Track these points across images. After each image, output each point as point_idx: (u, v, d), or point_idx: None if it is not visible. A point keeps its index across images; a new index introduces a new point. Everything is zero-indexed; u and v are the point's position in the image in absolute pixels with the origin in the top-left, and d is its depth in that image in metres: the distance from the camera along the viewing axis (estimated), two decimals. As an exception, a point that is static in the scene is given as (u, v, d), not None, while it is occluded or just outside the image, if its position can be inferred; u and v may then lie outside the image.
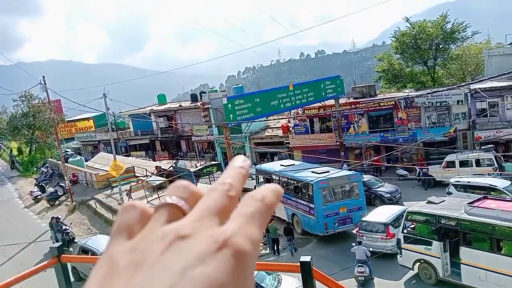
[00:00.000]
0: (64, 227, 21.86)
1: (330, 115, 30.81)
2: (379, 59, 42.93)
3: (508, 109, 26.80)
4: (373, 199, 22.28)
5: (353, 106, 29.64)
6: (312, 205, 18.76)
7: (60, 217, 23.67)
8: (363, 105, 29.63)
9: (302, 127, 31.98)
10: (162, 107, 43.78)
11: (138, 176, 24.78)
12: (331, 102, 29.96)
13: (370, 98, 30.72)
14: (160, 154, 41.30)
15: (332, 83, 29.22)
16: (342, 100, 30.65)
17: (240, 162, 0.55)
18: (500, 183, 19.80)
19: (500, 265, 12.87)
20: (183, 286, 0.40)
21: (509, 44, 35.14)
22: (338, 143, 29.21)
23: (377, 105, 29.55)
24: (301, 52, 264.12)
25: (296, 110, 29.63)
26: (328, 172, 19.93)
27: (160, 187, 23.27)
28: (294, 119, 32.24)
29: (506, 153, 24.05)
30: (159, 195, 21.06)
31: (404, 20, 39.82)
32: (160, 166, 25.92)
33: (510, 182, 19.87)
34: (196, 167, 28.05)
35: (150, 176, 24.36)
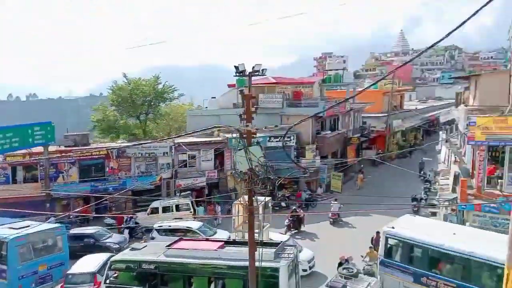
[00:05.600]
0: None
1: (37, 163, 27.33)
2: (95, 109, 41.90)
3: (203, 160, 30.35)
4: (103, 251, 19.85)
5: (63, 154, 27.30)
6: (4, 267, 15.58)
7: None
8: (75, 153, 27.76)
9: (2, 176, 27.06)
10: None
11: None
12: (40, 149, 26.73)
13: (83, 147, 29.14)
14: None
15: (41, 129, 26.22)
16: (52, 148, 27.80)
17: None
18: (194, 224, 21.64)
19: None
20: None
21: (205, 107, 40.56)
22: (44, 194, 25.94)
23: (90, 154, 28.29)
24: (9, 94, 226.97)
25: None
26: (28, 226, 17.19)
27: None
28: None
29: (198, 199, 26.87)
30: None
31: (122, 75, 40.49)
32: None
33: (202, 223, 22.03)
34: None
35: None
